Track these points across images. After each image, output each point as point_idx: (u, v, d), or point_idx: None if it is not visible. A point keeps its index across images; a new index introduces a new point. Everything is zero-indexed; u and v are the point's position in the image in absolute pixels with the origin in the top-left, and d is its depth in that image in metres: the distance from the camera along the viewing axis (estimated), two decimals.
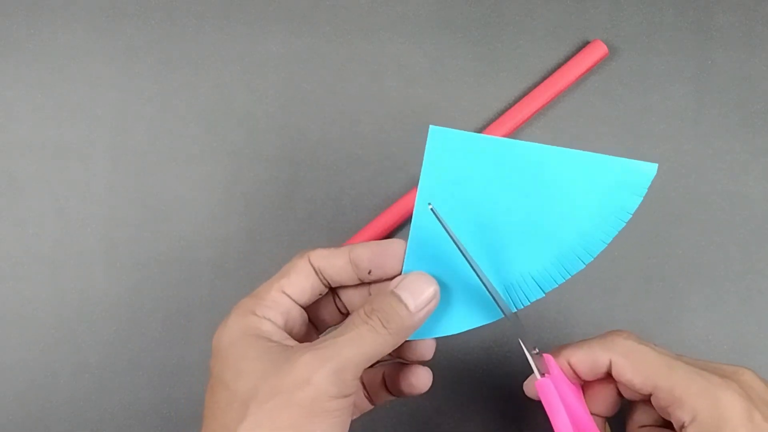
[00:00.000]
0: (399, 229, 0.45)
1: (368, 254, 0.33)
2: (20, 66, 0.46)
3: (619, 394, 0.35)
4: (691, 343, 0.45)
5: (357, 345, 0.30)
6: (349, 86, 0.47)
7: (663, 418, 0.33)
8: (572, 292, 0.45)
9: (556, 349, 0.35)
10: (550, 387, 0.34)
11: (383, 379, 0.36)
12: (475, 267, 0.32)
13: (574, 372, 0.34)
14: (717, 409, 0.30)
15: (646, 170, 0.32)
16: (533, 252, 0.34)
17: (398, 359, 0.36)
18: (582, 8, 0.47)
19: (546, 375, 0.34)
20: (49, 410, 0.44)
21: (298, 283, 0.33)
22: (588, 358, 0.34)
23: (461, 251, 0.32)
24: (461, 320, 0.34)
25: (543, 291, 0.33)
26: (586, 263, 0.33)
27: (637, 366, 0.32)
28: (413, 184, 0.45)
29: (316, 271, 0.33)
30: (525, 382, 0.35)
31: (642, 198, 0.33)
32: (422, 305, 0.31)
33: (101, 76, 0.46)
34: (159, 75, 0.46)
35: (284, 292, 0.33)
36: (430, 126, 0.33)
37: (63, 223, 0.45)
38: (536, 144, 0.33)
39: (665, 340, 0.45)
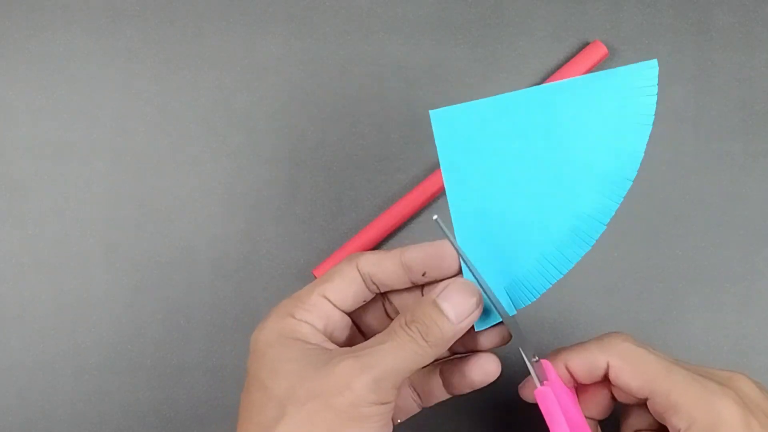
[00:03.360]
0: (400, 229, 0.46)
1: (422, 256, 0.32)
2: (20, 67, 0.47)
3: (613, 397, 0.35)
4: (691, 344, 0.46)
5: (398, 355, 0.30)
6: (349, 87, 0.47)
7: (658, 423, 0.33)
8: (572, 294, 0.46)
9: (553, 353, 0.35)
10: (549, 395, 0.33)
11: (441, 377, 0.35)
12: (475, 273, 0.32)
13: (571, 375, 0.34)
14: (714, 417, 0.30)
15: (648, 68, 0.32)
16: (553, 222, 0.33)
17: (455, 355, 0.35)
18: (581, 9, 0.47)
19: (545, 383, 0.34)
20: (49, 411, 0.44)
21: (341, 288, 0.32)
22: (585, 362, 0.33)
23: (461, 257, 0.32)
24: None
25: (561, 272, 0.33)
26: (607, 220, 0.33)
27: (635, 369, 0.32)
28: (413, 184, 0.45)
29: (363, 277, 0.33)
30: (521, 385, 0.35)
31: (656, 96, 0.32)
32: (464, 316, 0.31)
33: (101, 77, 0.47)
34: (159, 76, 0.47)
35: (326, 297, 0.32)
36: (430, 111, 0.32)
37: (63, 224, 0.45)
38: (536, 87, 0.32)
39: (665, 341, 0.45)
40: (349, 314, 0.34)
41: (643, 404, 0.33)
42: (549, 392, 0.33)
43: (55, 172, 0.46)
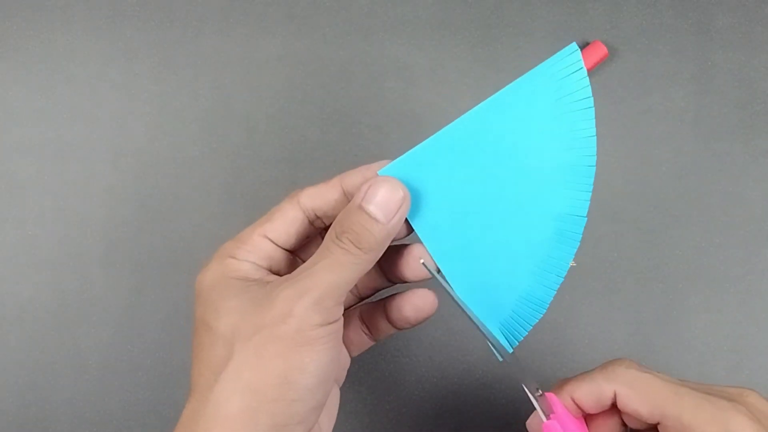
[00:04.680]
0: None
1: (361, 180, 0.31)
2: (21, 68, 0.47)
3: (623, 423, 0.34)
4: (691, 344, 0.46)
5: (334, 271, 0.29)
6: (349, 88, 0.47)
7: None
8: (572, 294, 0.46)
9: (558, 386, 0.35)
10: (557, 429, 0.33)
11: (384, 312, 0.35)
12: (470, 314, 0.32)
13: (578, 406, 0.34)
14: None
15: (570, 53, 0.31)
16: (534, 232, 0.33)
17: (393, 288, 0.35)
18: (582, 9, 0.47)
19: (551, 416, 0.33)
20: (48, 411, 0.44)
21: (282, 227, 0.32)
22: (591, 392, 0.33)
23: (456, 301, 0.32)
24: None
25: (560, 275, 0.33)
26: (585, 212, 0.32)
27: (643, 395, 0.32)
28: None
29: (307, 213, 0.32)
30: (528, 421, 0.35)
31: (586, 75, 0.31)
32: (393, 213, 0.30)
33: (101, 77, 0.47)
34: (159, 76, 0.47)
35: (267, 237, 0.32)
36: (378, 172, 0.32)
37: (63, 223, 0.46)
38: (470, 112, 0.32)
39: (665, 341, 0.46)
40: (296, 250, 0.33)
41: (653, 428, 0.33)
42: (556, 425, 0.33)
43: (55, 172, 0.46)
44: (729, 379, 0.45)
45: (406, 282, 0.34)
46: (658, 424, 0.32)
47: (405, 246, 0.33)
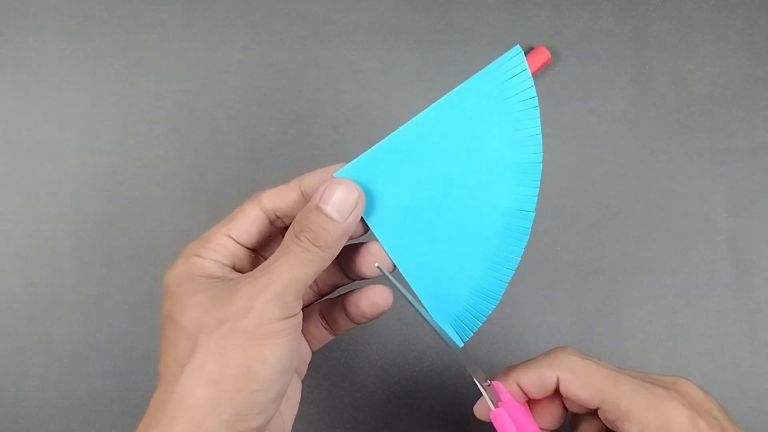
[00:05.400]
0: None
1: (318, 182, 0.32)
2: None
3: (565, 407, 0.36)
4: (630, 333, 0.47)
5: (293, 268, 0.30)
6: (306, 90, 0.48)
7: (608, 429, 0.34)
8: (517, 286, 0.46)
9: (504, 373, 0.36)
10: (504, 416, 0.34)
11: (343, 307, 0.36)
12: (422, 311, 0.33)
13: (523, 392, 0.35)
14: (664, 419, 0.31)
15: (514, 55, 0.32)
16: (485, 227, 0.33)
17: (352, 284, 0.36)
18: (526, 16, 0.49)
19: (499, 404, 0.34)
20: (20, 396, 0.46)
21: (244, 226, 0.33)
22: (536, 378, 0.34)
23: (408, 300, 0.33)
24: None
25: (511, 268, 0.34)
26: (533, 207, 0.33)
27: (584, 381, 0.33)
28: None
29: (267, 213, 0.33)
30: (475, 406, 0.36)
31: (530, 76, 0.32)
32: (348, 212, 0.31)
33: (71, 80, 0.48)
34: (126, 79, 0.48)
35: (230, 236, 0.33)
36: (333, 174, 0.33)
37: (34, 219, 0.47)
38: (420, 114, 0.32)
39: (605, 330, 0.47)
40: (258, 249, 0.34)
41: (593, 412, 0.34)
42: (503, 413, 0.34)
43: (26, 170, 0.47)
44: (666, 366, 0.47)
45: (363, 278, 0.35)
46: (598, 408, 0.33)
47: (362, 244, 0.34)
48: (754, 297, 0.48)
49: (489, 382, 0.35)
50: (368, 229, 0.33)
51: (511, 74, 0.32)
